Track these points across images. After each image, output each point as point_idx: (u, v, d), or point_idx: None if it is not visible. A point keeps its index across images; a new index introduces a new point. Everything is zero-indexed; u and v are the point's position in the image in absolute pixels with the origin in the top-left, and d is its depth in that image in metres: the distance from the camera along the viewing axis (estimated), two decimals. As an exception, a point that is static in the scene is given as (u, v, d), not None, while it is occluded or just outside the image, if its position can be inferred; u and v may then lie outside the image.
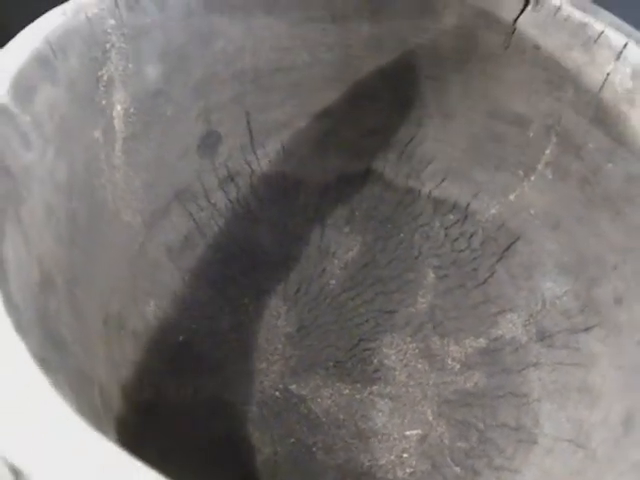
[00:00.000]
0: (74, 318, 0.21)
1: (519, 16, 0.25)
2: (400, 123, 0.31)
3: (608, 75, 0.23)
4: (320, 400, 0.28)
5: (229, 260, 0.31)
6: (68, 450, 0.11)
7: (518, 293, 0.29)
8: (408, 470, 0.26)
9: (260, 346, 0.30)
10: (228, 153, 0.30)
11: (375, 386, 0.29)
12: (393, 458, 0.27)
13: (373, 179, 0.32)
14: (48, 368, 0.14)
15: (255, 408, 0.28)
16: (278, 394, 0.28)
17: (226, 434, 0.27)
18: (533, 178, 0.28)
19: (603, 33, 0.23)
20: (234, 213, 0.31)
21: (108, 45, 0.21)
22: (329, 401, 0.28)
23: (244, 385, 0.28)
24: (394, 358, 0.30)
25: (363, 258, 0.32)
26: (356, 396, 0.29)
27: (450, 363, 0.29)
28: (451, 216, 0.32)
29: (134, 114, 0.24)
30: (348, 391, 0.29)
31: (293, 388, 0.29)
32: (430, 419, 0.28)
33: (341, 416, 0.28)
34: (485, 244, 0.31)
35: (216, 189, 0.30)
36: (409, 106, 0.30)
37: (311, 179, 0.32)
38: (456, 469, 0.26)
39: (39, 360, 0.14)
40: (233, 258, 0.31)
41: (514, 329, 0.29)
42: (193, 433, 0.26)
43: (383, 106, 0.30)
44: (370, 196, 0.33)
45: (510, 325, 0.29)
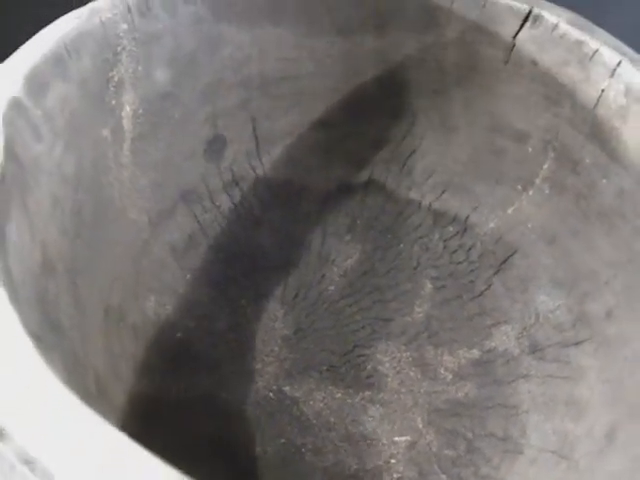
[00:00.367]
0: (73, 306, 0.22)
1: (518, 32, 0.25)
2: (403, 135, 0.32)
3: (603, 92, 0.23)
4: (312, 403, 0.29)
5: (231, 261, 0.31)
6: (51, 414, 0.12)
7: (513, 306, 0.30)
8: (395, 476, 0.26)
9: (256, 347, 0.30)
10: (233, 157, 0.31)
11: (367, 392, 0.29)
12: (381, 463, 0.27)
13: (375, 189, 0.33)
14: (43, 346, 0.15)
15: (248, 407, 0.28)
16: (272, 395, 0.29)
17: (217, 431, 0.27)
18: (531, 192, 0.29)
19: (598, 51, 0.23)
20: (237, 216, 0.32)
21: (119, 48, 0.22)
22: (321, 404, 0.29)
23: (239, 384, 0.29)
24: (388, 365, 0.30)
25: (362, 266, 0.33)
26: (348, 400, 0.29)
27: (443, 373, 0.30)
28: (450, 228, 0.32)
29: (142, 115, 0.25)
30: (340, 395, 0.29)
31: (287, 390, 0.29)
32: (420, 427, 0.28)
33: (332, 419, 0.28)
34: (483, 257, 0.31)
35: (221, 192, 0.31)
36: (412, 119, 0.31)
37: (314, 187, 0.33)
38: (443, 477, 0.26)
39: (34, 337, 0.14)
40: (235, 260, 0.32)
41: (507, 341, 0.29)
42: (185, 428, 0.26)
43: (386, 118, 0.31)
44: (372, 206, 0.33)
45: (504, 337, 0.29)
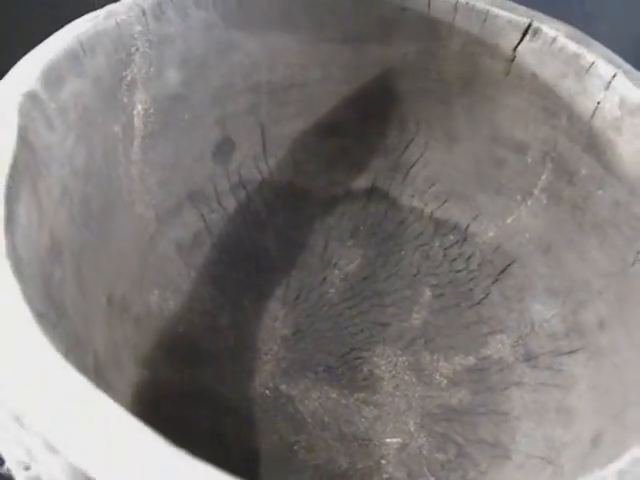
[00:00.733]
0: (78, 292, 0.22)
1: (518, 45, 0.26)
2: (406, 144, 0.32)
3: (598, 104, 0.24)
4: (307, 402, 0.29)
5: (235, 261, 0.32)
6: (50, 386, 0.13)
7: (509, 315, 0.30)
8: (384, 476, 0.27)
9: (255, 345, 0.31)
10: (241, 161, 0.32)
11: (362, 393, 0.30)
12: (371, 464, 0.27)
13: (378, 196, 0.34)
14: (44, 322, 0.16)
15: (245, 403, 0.29)
16: (268, 392, 0.29)
17: (212, 424, 0.28)
18: (530, 203, 0.29)
19: (594, 64, 0.24)
20: (243, 218, 0.33)
21: (133, 49, 0.24)
22: (316, 403, 0.29)
23: (236, 380, 0.30)
24: (384, 368, 0.31)
25: (363, 271, 0.34)
26: (342, 401, 0.29)
27: (438, 378, 0.30)
28: (451, 237, 0.33)
29: (153, 114, 0.26)
30: (335, 395, 0.29)
31: (283, 388, 0.30)
32: (412, 430, 0.28)
33: (326, 419, 0.29)
34: (482, 266, 0.32)
35: (227, 194, 0.32)
36: (416, 128, 0.32)
37: (318, 192, 0.34)
38: (431, 479, 0.26)
39: (36, 313, 0.15)
40: (238, 260, 0.32)
41: (502, 349, 0.29)
42: (180, 419, 0.27)
43: (391, 127, 0.32)
44: (374, 213, 0.34)
45: (499, 346, 0.30)
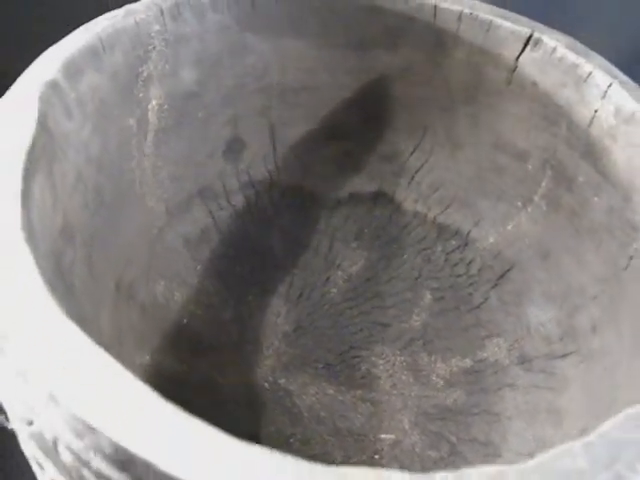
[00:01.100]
0: (87, 274, 0.24)
1: (520, 55, 0.27)
2: (412, 150, 0.33)
3: (596, 112, 0.25)
4: (305, 396, 0.30)
5: (241, 258, 0.33)
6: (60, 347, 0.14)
7: (507, 319, 0.30)
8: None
9: (257, 340, 0.32)
10: (251, 160, 0.33)
11: (359, 390, 0.30)
12: (365, 458, 0.28)
13: (383, 200, 0.35)
14: (54, 291, 0.17)
15: (243, 394, 0.30)
16: (267, 385, 0.30)
17: (208, 414, 0.29)
18: (530, 209, 0.30)
19: (592, 73, 0.24)
20: (251, 216, 0.34)
21: (150, 47, 0.25)
22: (313, 398, 0.30)
23: (237, 372, 0.30)
24: (381, 368, 0.31)
25: (366, 273, 0.34)
26: (339, 397, 0.30)
27: (434, 379, 0.30)
28: (453, 242, 0.33)
29: (167, 110, 0.27)
30: (332, 392, 0.30)
31: (282, 382, 0.30)
32: (406, 427, 0.28)
33: (322, 413, 0.29)
34: (482, 271, 0.32)
35: (237, 192, 0.33)
36: (421, 134, 0.33)
37: (325, 194, 0.35)
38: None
39: (47, 281, 0.16)
40: (244, 257, 0.33)
41: (499, 352, 0.30)
42: (177, 406, 0.28)
43: (397, 132, 0.33)
44: (379, 216, 0.35)
45: (496, 349, 0.30)
